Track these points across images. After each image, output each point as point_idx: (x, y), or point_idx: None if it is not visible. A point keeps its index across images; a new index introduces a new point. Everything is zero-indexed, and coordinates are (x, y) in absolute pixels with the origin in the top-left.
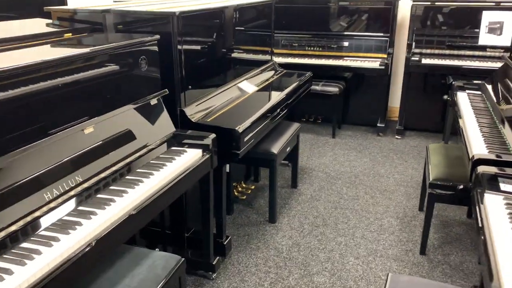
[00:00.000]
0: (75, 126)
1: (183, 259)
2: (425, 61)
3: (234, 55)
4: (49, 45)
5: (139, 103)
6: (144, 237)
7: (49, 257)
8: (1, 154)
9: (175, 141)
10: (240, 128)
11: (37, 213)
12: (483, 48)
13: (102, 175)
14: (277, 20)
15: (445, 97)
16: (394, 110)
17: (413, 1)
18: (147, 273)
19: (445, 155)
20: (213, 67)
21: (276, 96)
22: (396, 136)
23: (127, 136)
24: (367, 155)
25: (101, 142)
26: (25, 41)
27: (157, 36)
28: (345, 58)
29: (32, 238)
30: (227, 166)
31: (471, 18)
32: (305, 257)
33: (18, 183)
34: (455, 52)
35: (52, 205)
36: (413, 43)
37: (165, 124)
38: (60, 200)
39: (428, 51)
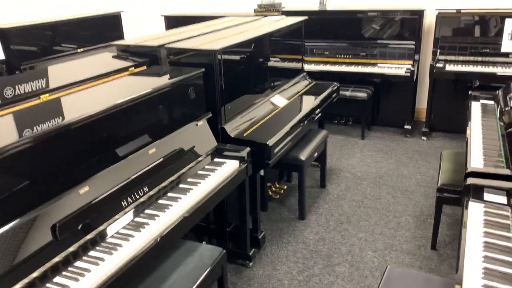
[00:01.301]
0: (143, 149)
1: (224, 251)
2: (449, 67)
3: (268, 72)
4: (121, 82)
5: (188, 125)
6: (194, 230)
7: (128, 249)
8: (91, 174)
9: (217, 154)
10: (270, 142)
11: (117, 216)
12: (506, 55)
13: (163, 184)
14: (310, 30)
15: None
16: (421, 111)
17: (438, 10)
18: (196, 262)
19: (455, 162)
20: (249, 86)
21: (305, 109)
22: (422, 138)
23: (180, 152)
24: (393, 156)
25: (161, 159)
26: (102, 77)
27: (203, 70)
28: (373, 65)
29: (115, 235)
30: (262, 170)
31: (495, 25)
32: (329, 250)
33: (105, 194)
34: (479, 58)
35: (127, 210)
36: (438, 50)
37: (209, 140)
38: (132, 206)
39: (452, 57)
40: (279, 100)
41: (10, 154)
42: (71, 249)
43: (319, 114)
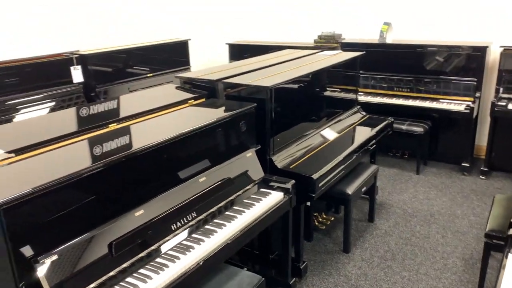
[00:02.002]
0: (195, 177)
1: (263, 279)
2: None
3: (320, 104)
4: (181, 113)
5: (238, 156)
6: (238, 254)
7: (174, 270)
8: (147, 199)
9: (264, 184)
10: (315, 176)
11: (167, 238)
12: None
13: (211, 210)
14: (368, 61)
15: None
16: (481, 148)
17: (503, 47)
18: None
19: (507, 207)
20: (300, 118)
21: (354, 143)
22: (481, 177)
23: (229, 181)
24: (447, 194)
25: (211, 187)
26: (165, 109)
27: (254, 105)
28: (431, 100)
29: (163, 255)
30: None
31: None
32: (370, 286)
33: (157, 217)
34: None
35: (176, 232)
36: (501, 88)
37: (256, 170)
38: (181, 229)
39: None
40: (330, 132)
41: (82, 178)
42: (124, 265)
43: (370, 149)
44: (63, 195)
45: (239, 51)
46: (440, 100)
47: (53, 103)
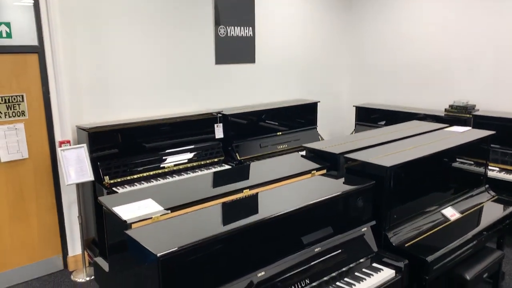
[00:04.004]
0: (312, 246)
1: None
2: None
3: (443, 181)
4: (304, 184)
5: (354, 230)
6: None
7: None
8: (269, 262)
9: (376, 259)
10: (430, 258)
11: None
12: None
13: (324, 279)
14: (502, 135)
15: None
16: None
17: None
18: None
19: None
20: (420, 195)
21: (478, 226)
22: None
23: (343, 252)
24: None
25: (325, 256)
26: (290, 178)
27: (373, 182)
28: None
29: None
30: None
31: None
32: None
33: (276, 280)
34: None
35: None
36: None
37: (370, 245)
38: None
39: None
40: (451, 212)
41: (219, 239)
42: None
43: (495, 234)
44: (205, 252)
45: (366, 114)
46: None
47: (197, 154)
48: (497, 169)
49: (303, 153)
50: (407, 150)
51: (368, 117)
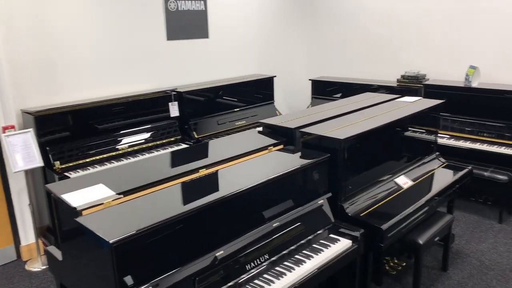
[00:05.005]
0: (270, 222)
1: None
2: None
3: (395, 150)
4: (261, 160)
5: (310, 203)
6: None
7: None
8: (227, 241)
9: (333, 230)
10: (385, 226)
11: (242, 276)
12: None
13: (282, 253)
14: (451, 104)
15: None
16: None
17: None
18: None
19: None
20: (373, 165)
21: (429, 193)
22: None
23: (301, 226)
24: None
25: (283, 231)
26: (247, 155)
27: (328, 155)
28: None
29: None
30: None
31: None
32: None
33: (234, 258)
34: None
35: (251, 272)
36: None
37: (327, 217)
38: (254, 269)
39: None
40: (404, 180)
41: (176, 220)
42: None
43: (446, 199)
44: (160, 235)
45: (321, 87)
46: None
47: (152, 134)
48: (447, 136)
49: (261, 129)
50: (360, 122)
51: (324, 90)
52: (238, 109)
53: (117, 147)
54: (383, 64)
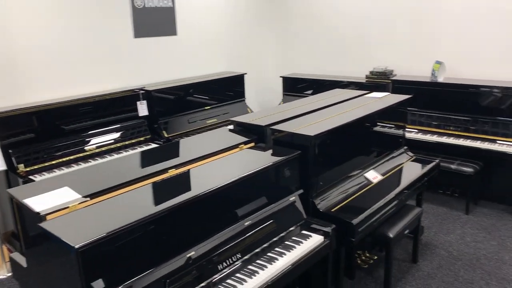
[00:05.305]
0: (242, 220)
1: None
2: None
3: (365, 146)
4: (231, 159)
5: (282, 200)
6: None
7: None
8: (198, 242)
9: (305, 226)
10: (355, 221)
11: (214, 276)
12: None
13: (255, 251)
14: (419, 98)
15: None
16: None
17: None
18: None
19: None
20: (344, 161)
21: (398, 187)
22: None
23: (273, 224)
24: (497, 238)
25: (255, 230)
26: (218, 154)
27: (299, 152)
28: (482, 140)
29: None
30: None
31: None
32: None
33: (206, 258)
34: None
35: (224, 271)
36: None
37: (299, 213)
38: (227, 269)
39: None
40: (374, 175)
41: (144, 223)
42: None
43: (416, 192)
44: (129, 238)
45: (292, 84)
46: (492, 141)
47: (121, 134)
48: (415, 130)
49: (232, 127)
50: (330, 118)
51: (295, 87)
52: (209, 107)
53: (84, 148)
54: (352, 61)
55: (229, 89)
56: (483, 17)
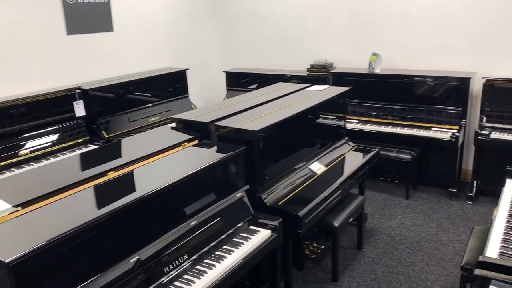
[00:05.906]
0: (187, 221)
1: None
2: (495, 135)
3: (308, 138)
4: (174, 158)
5: (229, 197)
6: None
7: None
8: (142, 246)
9: (253, 222)
10: (301, 213)
11: (161, 280)
12: None
13: (202, 250)
14: (358, 90)
15: None
16: (469, 172)
17: (486, 78)
18: None
19: (482, 240)
20: (288, 154)
21: (341, 177)
22: (467, 202)
23: (220, 222)
24: (435, 220)
25: (201, 229)
26: (160, 153)
27: (243, 148)
28: (419, 128)
29: None
30: None
31: None
32: None
33: (150, 262)
34: None
35: (170, 274)
36: (484, 118)
37: (246, 209)
38: (173, 271)
39: (499, 125)
40: (318, 166)
41: (82, 231)
42: None
43: (358, 181)
44: (67, 246)
45: (236, 79)
46: (427, 128)
47: (57, 137)
48: (356, 121)
49: (174, 124)
50: (273, 112)
51: (238, 82)
52: (150, 105)
53: (18, 152)
54: (294, 54)
55: (171, 85)
56: (416, 11)
